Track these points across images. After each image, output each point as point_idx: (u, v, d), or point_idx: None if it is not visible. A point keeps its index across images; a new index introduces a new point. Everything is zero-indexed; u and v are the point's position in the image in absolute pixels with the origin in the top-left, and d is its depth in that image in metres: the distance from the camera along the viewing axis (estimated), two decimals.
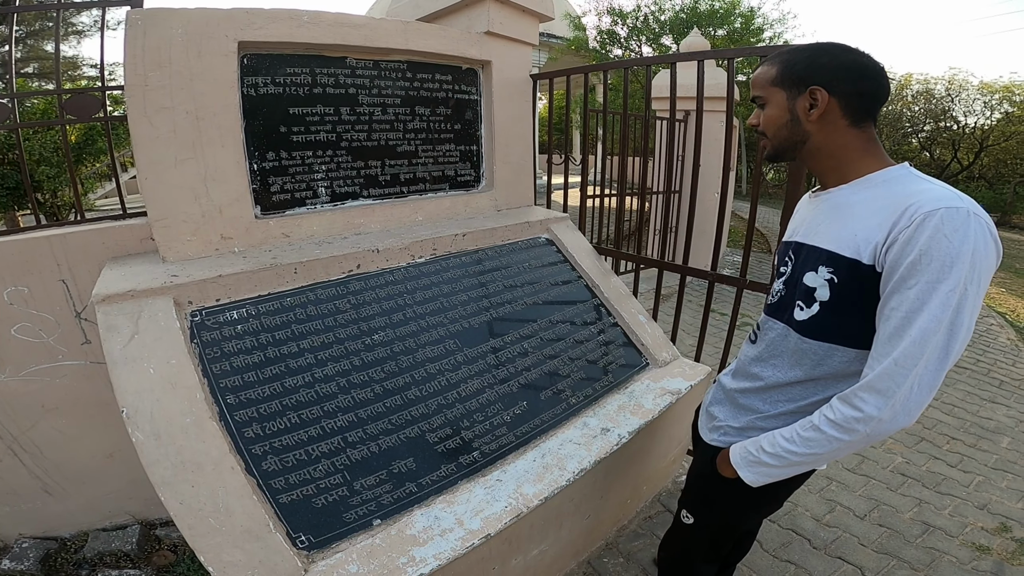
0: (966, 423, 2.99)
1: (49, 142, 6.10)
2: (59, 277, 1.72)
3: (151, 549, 1.90)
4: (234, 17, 1.56)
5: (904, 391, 0.87)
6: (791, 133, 1.03)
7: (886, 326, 0.89)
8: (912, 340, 0.85)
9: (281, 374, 1.40)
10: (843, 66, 0.96)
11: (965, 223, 0.82)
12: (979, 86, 14.12)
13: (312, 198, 1.88)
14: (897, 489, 2.36)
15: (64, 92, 1.93)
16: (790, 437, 1.01)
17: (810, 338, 1.03)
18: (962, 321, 0.84)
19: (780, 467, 1.04)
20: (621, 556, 1.89)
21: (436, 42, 2.01)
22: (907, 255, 0.85)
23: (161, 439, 1.15)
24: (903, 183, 0.94)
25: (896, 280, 0.87)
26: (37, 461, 1.83)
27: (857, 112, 0.97)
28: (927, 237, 0.83)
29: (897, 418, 0.88)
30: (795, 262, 1.10)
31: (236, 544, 1.06)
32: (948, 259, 0.82)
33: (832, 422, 0.94)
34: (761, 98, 1.06)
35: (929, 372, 0.86)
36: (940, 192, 0.87)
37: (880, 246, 0.90)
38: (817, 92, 0.96)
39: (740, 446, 1.12)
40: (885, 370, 0.87)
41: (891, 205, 0.90)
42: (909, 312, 0.85)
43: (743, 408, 1.18)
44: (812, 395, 1.06)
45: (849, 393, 0.93)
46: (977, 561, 1.94)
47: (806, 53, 1.00)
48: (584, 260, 2.25)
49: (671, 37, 9.86)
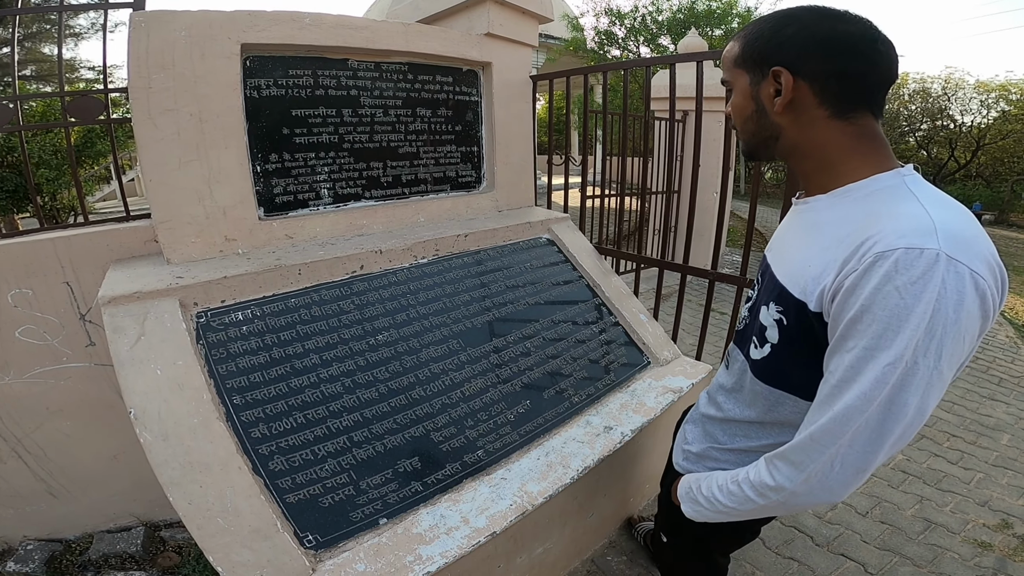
0: (966, 420, 3.00)
1: (48, 145, 6.10)
2: (63, 279, 1.72)
3: (156, 551, 1.90)
4: (236, 19, 1.56)
5: (819, 467, 0.73)
6: (758, 127, 0.83)
7: (821, 389, 0.74)
8: (834, 416, 0.70)
9: (287, 375, 1.41)
10: (814, 38, 0.73)
11: (927, 273, 0.61)
12: (975, 85, 14.20)
13: (315, 199, 1.88)
14: (899, 486, 2.38)
15: (66, 94, 1.93)
16: (721, 485, 0.92)
17: (762, 381, 0.90)
18: (905, 400, 0.65)
19: (709, 511, 0.95)
20: (624, 554, 1.90)
21: (437, 44, 2.02)
22: (849, 308, 0.68)
23: (169, 440, 1.16)
24: (885, 200, 0.72)
25: (837, 338, 0.70)
26: (41, 463, 1.84)
27: (839, 99, 0.75)
28: (872, 288, 0.64)
29: (814, 493, 0.75)
30: (759, 287, 0.95)
31: (245, 544, 1.07)
32: (895, 321, 0.63)
33: (751, 483, 0.84)
34: (728, 83, 0.87)
35: (855, 453, 0.70)
36: (913, 220, 0.65)
37: (827, 290, 0.72)
38: (780, 74, 0.75)
39: (687, 479, 1.04)
40: (800, 442, 0.75)
41: (855, 234, 0.70)
42: (841, 381, 0.69)
43: (707, 434, 1.09)
44: (765, 438, 0.95)
45: (769, 457, 0.82)
46: (979, 557, 1.95)
47: (771, 22, 0.78)
48: (585, 260, 2.26)
49: (669, 37, 9.88)
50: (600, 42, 10.69)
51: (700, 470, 1.09)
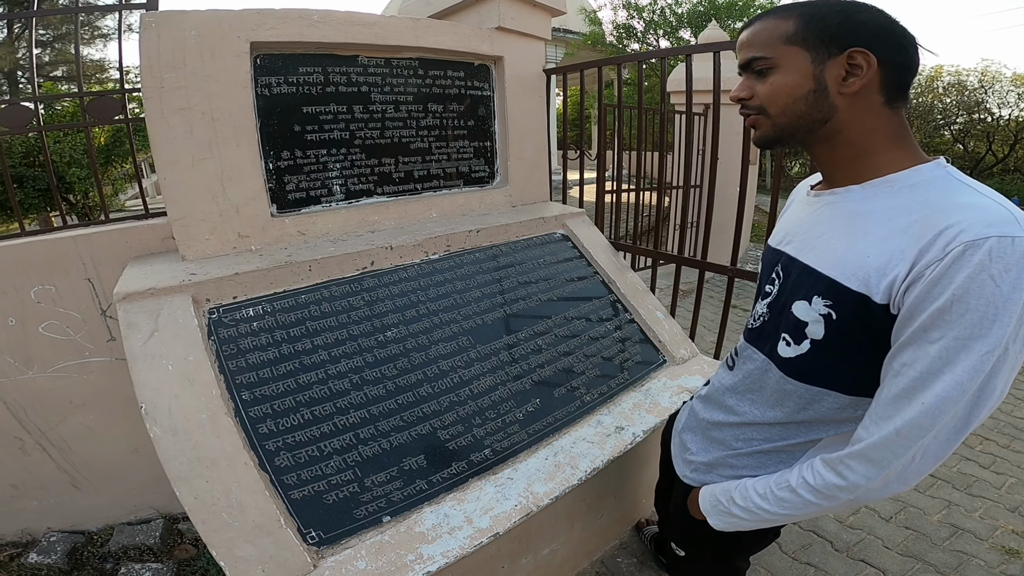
0: (1000, 423, 2.88)
1: (79, 144, 6.30)
2: (85, 276, 1.76)
3: (173, 543, 1.95)
4: (245, 18, 1.57)
5: (903, 461, 0.72)
6: (811, 108, 0.79)
7: (894, 383, 0.72)
8: (924, 409, 0.68)
9: (295, 371, 1.41)
10: (884, 28, 0.74)
11: (1022, 260, 0.61)
12: (1012, 77, 13.61)
13: (327, 196, 1.89)
14: (926, 491, 2.29)
15: (86, 95, 1.98)
16: (763, 493, 0.89)
17: (796, 379, 0.86)
18: (995, 387, 0.66)
19: (750, 521, 0.92)
20: (634, 556, 1.87)
21: (447, 39, 2.00)
22: (934, 299, 0.66)
23: (178, 435, 1.17)
24: (938, 190, 0.72)
25: (915, 329, 0.68)
26: (65, 456, 1.89)
27: (897, 88, 0.76)
28: (965, 277, 0.63)
29: (889, 486, 0.75)
30: (783, 282, 0.90)
31: (248, 539, 1.08)
32: (991, 309, 0.62)
33: (812, 487, 0.81)
34: (766, 60, 0.81)
35: (939, 443, 0.70)
36: (990, 210, 0.65)
37: (900, 281, 0.70)
38: (860, 56, 0.74)
39: (709, 491, 1.01)
40: (884, 439, 0.72)
41: (920, 223, 0.69)
42: (926, 372, 0.67)
43: (715, 442, 1.05)
44: (793, 437, 0.91)
45: (836, 458, 0.79)
46: (1006, 564, 1.87)
47: (837, 7, 0.77)
48: (600, 256, 2.23)
49: (689, 30, 9.70)
50: (619, 36, 10.55)
51: (714, 480, 1.04)
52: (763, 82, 0.82)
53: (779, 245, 0.95)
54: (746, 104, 0.85)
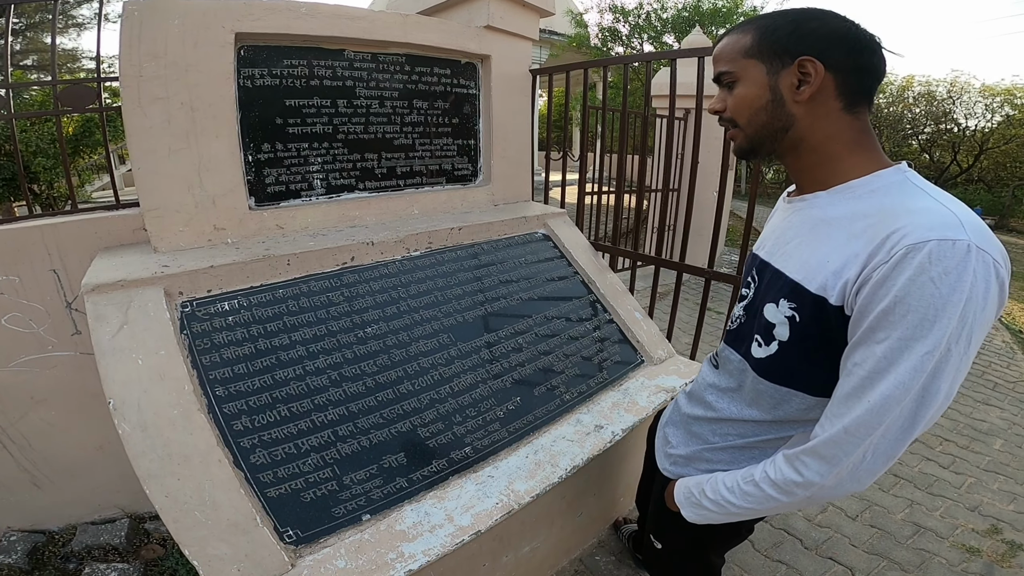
0: (959, 425, 2.99)
1: (46, 133, 6.08)
2: (50, 267, 1.70)
3: (140, 543, 1.89)
4: (231, 8, 1.54)
5: (853, 460, 0.75)
6: (771, 118, 0.82)
7: (845, 382, 0.75)
8: (870, 407, 0.70)
9: (272, 366, 1.39)
10: (837, 33, 0.77)
11: (962, 263, 0.64)
12: (981, 89, 14.14)
13: (307, 190, 1.86)
14: (889, 490, 2.36)
15: (59, 83, 1.91)
16: (731, 487, 0.92)
17: (767, 380, 0.89)
18: (938, 388, 0.68)
19: (719, 514, 0.96)
20: (613, 554, 1.89)
21: (435, 35, 1.99)
22: (880, 300, 0.68)
23: (148, 431, 1.14)
24: (894, 195, 0.74)
25: (864, 330, 0.71)
26: (26, 453, 1.82)
27: (854, 93, 0.78)
28: (906, 279, 0.66)
29: (843, 485, 0.77)
30: (757, 286, 0.94)
31: (222, 538, 1.05)
32: (931, 311, 0.65)
33: (772, 482, 0.84)
34: (730, 74, 0.85)
35: (888, 442, 0.72)
36: (937, 215, 0.68)
37: (851, 283, 0.72)
38: (809, 64, 0.76)
39: (684, 484, 1.04)
40: (834, 436, 0.75)
41: (873, 227, 0.72)
42: (872, 372, 0.70)
43: (694, 436, 1.08)
44: (765, 434, 0.95)
45: (793, 454, 0.82)
46: (967, 563, 1.94)
47: (790, 17, 0.80)
48: (581, 256, 2.24)
49: (673, 35, 9.83)
50: (604, 39, 10.64)
51: (691, 473, 1.07)
52: (731, 95, 0.86)
53: (757, 250, 0.99)
54: (721, 116, 0.89)
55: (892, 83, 14.99)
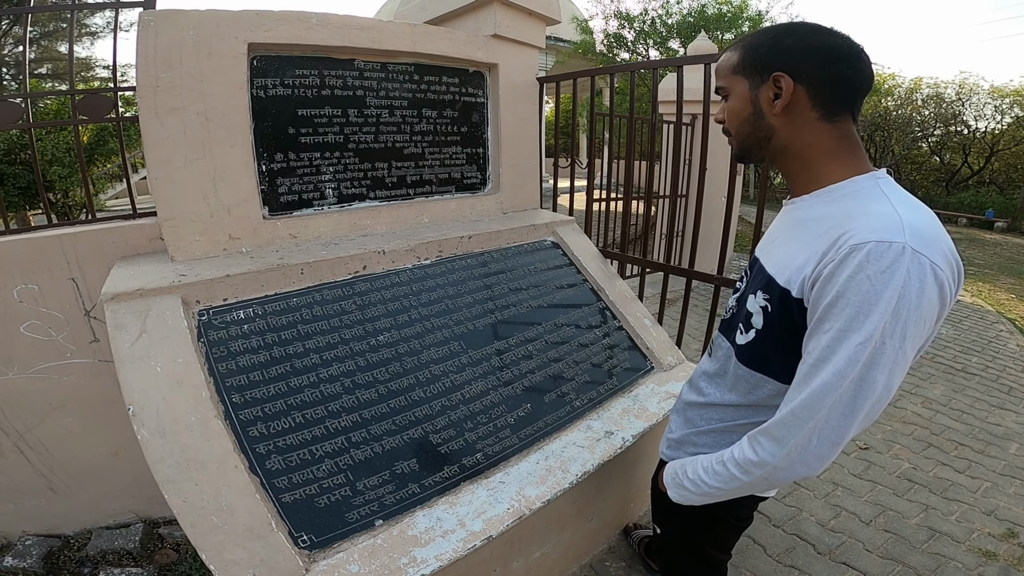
0: (975, 429, 2.96)
1: (61, 142, 6.18)
2: (69, 276, 1.73)
3: (154, 548, 1.91)
4: (244, 19, 1.57)
5: (799, 441, 0.80)
6: (753, 128, 0.90)
7: (800, 369, 0.81)
8: (812, 392, 0.77)
9: (286, 374, 1.41)
10: (811, 48, 0.82)
11: (895, 263, 0.69)
12: (990, 90, 14.01)
13: (319, 199, 1.89)
14: (904, 495, 2.34)
15: (77, 92, 1.95)
16: (706, 467, 0.97)
17: (745, 365, 0.97)
18: (874, 378, 0.73)
19: (696, 494, 1.00)
20: (623, 560, 1.88)
21: (443, 45, 2.02)
22: (826, 295, 0.75)
23: (166, 437, 1.16)
24: (861, 200, 0.80)
25: (815, 321, 0.78)
26: (43, 458, 1.85)
27: (830, 103, 0.83)
28: (847, 276, 0.72)
29: (794, 467, 0.82)
30: (748, 278, 1.03)
31: (238, 543, 1.07)
32: (865, 305, 0.71)
33: (736, 461, 0.90)
34: (724, 89, 0.94)
35: (831, 427, 0.77)
36: (885, 219, 0.74)
37: (808, 278, 0.79)
38: (781, 79, 0.83)
39: (671, 466, 1.09)
40: (782, 418, 0.82)
41: (833, 229, 0.78)
42: (817, 360, 0.77)
43: (687, 420, 1.14)
44: (742, 418, 1.00)
45: (752, 435, 0.88)
46: (983, 567, 1.92)
47: (770, 34, 0.86)
48: (589, 263, 2.25)
49: (679, 41, 9.85)
50: (609, 45, 10.68)
51: (681, 456, 1.12)
52: (725, 107, 0.95)
53: (757, 248, 1.06)
54: (723, 126, 0.98)
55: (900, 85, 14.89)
